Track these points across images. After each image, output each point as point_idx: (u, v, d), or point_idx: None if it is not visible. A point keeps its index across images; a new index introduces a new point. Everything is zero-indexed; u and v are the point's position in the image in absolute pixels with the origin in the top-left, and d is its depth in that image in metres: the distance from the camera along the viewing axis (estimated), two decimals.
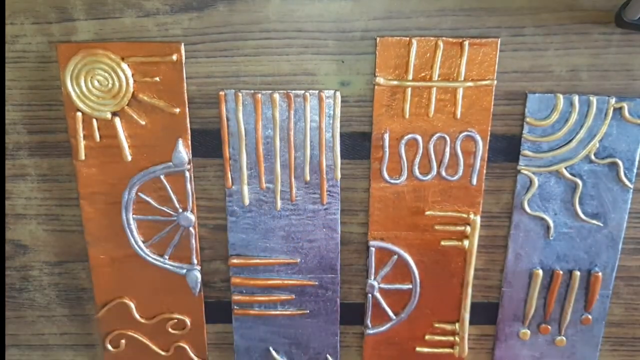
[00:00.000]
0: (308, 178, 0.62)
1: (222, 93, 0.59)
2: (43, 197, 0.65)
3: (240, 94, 0.59)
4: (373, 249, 0.65)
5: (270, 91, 0.59)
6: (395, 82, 0.58)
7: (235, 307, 0.67)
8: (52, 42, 0.58)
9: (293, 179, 0.62)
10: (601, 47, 0.57)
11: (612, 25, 0.56)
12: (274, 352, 0.70)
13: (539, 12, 0.56)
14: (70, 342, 0.73)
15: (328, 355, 0.70)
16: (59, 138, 0.62)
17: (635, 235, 0.65)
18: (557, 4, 0.56)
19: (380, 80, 0.58)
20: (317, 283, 0.66)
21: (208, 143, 0.61)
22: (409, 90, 0.59)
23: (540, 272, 0.66)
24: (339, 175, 0.62)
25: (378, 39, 0.57)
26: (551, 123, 0.60)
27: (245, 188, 0.62)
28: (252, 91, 0.59)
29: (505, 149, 0.62)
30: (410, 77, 0.58)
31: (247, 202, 0.63)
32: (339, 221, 0.64)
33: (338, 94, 0.59)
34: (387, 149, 0.61)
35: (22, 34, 0.57)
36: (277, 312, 0.68)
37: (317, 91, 0.59)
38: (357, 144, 0.61)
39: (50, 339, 0.72)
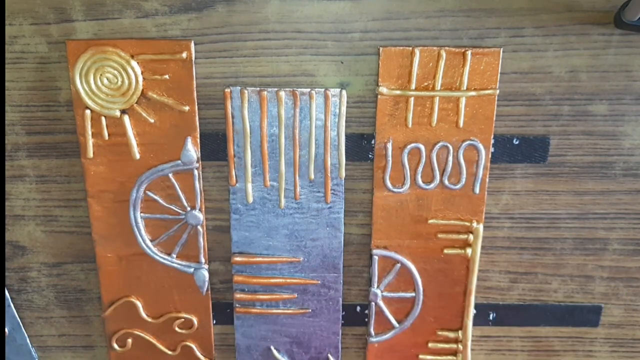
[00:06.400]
0: (312, 176, 0.61)
1: (227, 90, 0.58)
2: (42, 198, 0.64)
3: (245, 91, 0.58)
4: (376, 257, 0.65)
5: (276, 88, 0.58)
6: (398, 92, 0.58)
7: (237, 305, 0.67)
8: (51, 43, 0.57)
9: (297, 177, 0.62)
10: (600, 48, 0.57)
11: (611, 26, 0.56)
12: (275, 351, 0.70)
13: (538, 13, 0.56)
14: (69, 343, 0.72)
15: (329, 355, 0.70)
16: (57, 139, 0.62)
17: (635, 236, 0.65)
18: (557, 5, 0.56)
19: (383, 89, 0.58)
20: (319, 282, 0.66)
21: (206, 145, 0.61)
22: (411, 100, 0.59)
23: None
24: (343, 174, 0.62)
25: (381, 49, 0.57)
26: None
27: (250, 186, 0.62)
28: (258, 88, 0.58)
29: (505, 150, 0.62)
30: (413, 86, 0.58)
31: (250, 199, 0.63)
32: (343, 221, 0.64)
33: (344, 92, 0.58)
34: (390, 158, 0.61)
35: (20, 34, 0.57)
36: (279, 311, 0.67)
37: (323, 89, 0.58)
38: (357, 145, 0.61)
39: (48, 340, 0.72)
